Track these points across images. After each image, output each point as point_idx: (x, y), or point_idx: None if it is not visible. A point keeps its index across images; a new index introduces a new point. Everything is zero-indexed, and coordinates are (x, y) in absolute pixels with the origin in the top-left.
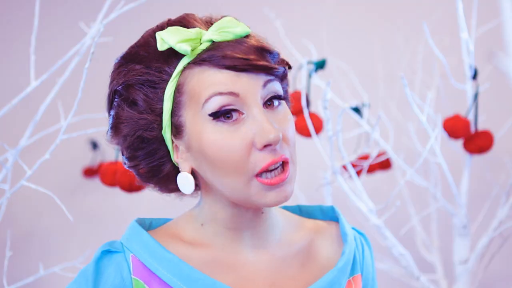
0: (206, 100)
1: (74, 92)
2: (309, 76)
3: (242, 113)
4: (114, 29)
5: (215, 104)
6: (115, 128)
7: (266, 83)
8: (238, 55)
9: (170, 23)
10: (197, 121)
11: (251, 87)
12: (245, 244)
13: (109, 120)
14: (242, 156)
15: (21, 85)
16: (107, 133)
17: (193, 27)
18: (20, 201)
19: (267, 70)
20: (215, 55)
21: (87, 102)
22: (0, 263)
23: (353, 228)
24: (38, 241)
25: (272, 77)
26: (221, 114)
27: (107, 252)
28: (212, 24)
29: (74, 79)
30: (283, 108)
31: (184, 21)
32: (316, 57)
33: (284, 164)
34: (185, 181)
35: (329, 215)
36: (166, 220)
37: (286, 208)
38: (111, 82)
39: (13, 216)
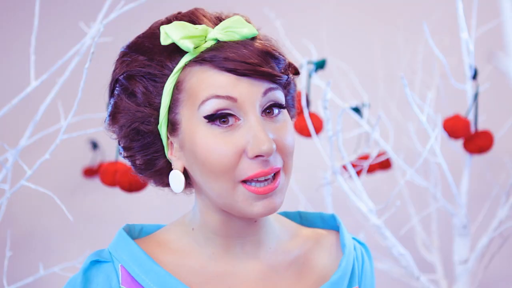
0: (203, 102)
1: (74, 92)
2: (309, 76)
3: (239, 119)
4: (114, 29)
5: (211, 107)
6: (113, 116)
7: (267, 91)
8: (240, 59)
9: (179, 16)
10: (192, 121)
11: (250, 94)
12: (236, 252)
13: (108, 107)
14: (232, 162)
15: (21, 85)
16: (105, 121)
17: (201, 24)
18: (20, 201)
19: (269, 77)
20: (217, 56)
21: (87, 102)
22: (0, 263)
23: (354, 238)
24: (38, 241)
25: (274, 85)
26: (217, 118)
27: (95, 262)
28: (221, 21)
29: (74, 79)
30: (283, 116)
31: (193, 17)
32: (316, 57)
33: (275, 174)
34: (175, 179)
35: (330, 223)
36: (158, 227)
37: (286, 213)
38: (114, 70)
39: (13, 216)
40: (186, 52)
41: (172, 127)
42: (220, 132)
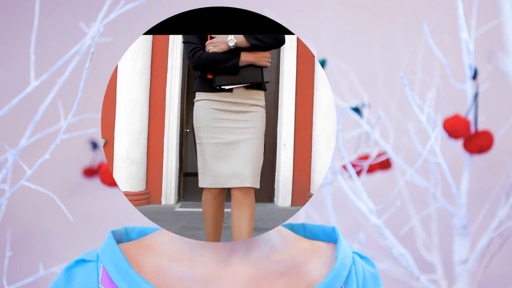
0: None
1: (74, 92)
2: None
3: None
4: (114, 29)
5: None
6: None
7: None
8: None
9: None
10: None
11: None
12: (224, 258)
13: None
14: None
15: (21, 85)
16: None
17: None
18: (20, 201)
19: None
20: None
21: (87, 102)
22: (0, 263)
23: (355, 252)
24: (38, 241)
25: None
26: None
27: (81, 261)
28: None
29: (74, 79)
30: None
31: None
32: (316, 57)
33: None
34: None
35: (330, 236)
36: (156, 229)
37: (291, 225)
38: None
39: (13, 216)
40: None
41: None
42: None
